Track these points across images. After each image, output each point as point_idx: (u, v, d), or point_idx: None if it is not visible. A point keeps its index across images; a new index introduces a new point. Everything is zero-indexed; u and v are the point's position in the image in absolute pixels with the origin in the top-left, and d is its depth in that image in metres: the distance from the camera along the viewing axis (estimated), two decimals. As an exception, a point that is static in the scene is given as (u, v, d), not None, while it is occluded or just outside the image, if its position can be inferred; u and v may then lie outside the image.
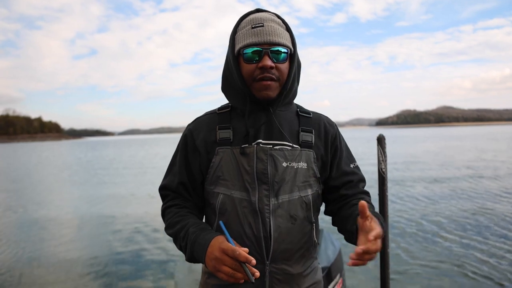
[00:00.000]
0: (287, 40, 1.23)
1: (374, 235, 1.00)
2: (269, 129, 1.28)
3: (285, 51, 1.21)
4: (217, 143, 1.28)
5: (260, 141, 1.25)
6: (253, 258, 1.04)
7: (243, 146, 1.25)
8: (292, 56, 1.26)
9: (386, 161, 2.48)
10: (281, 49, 1.20)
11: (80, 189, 13.76)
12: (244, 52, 1.21)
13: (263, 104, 1.26)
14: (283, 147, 1.26)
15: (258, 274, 1.05)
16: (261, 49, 1.18)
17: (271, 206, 1.23)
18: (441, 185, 11.25)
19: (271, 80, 1.20)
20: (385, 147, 2.44)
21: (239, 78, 1.23)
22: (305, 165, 1.28)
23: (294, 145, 1.28)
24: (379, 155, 2.43)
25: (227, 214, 1.25)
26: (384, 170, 2.45)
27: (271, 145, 1.26)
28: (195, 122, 1.37)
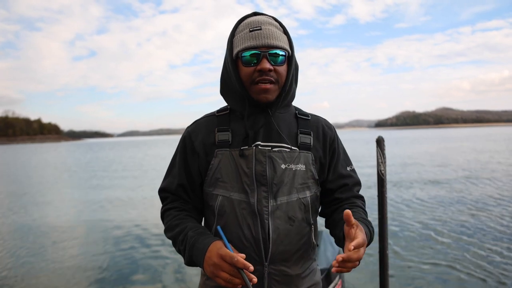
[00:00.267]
0: (284, 43, 1.24)
1: (354, 245, 1.03)
2: (267, 131, 1.28)
3: (283, 53, 1.22)
4: (216, 145, 1.29)
5: (259, 143, 1.26)
6: (251, 265, 1.05)
7: (242, 148, 1.25)
8: (289, 59, 1.27)
9: (385, 163, 2.48)
10: (279, 52, 1.21)
11: (79, 190, 13.76)
12: (243, 55, 1.21)
13: (262, 106, 1.27)
14: (281, 149, 1.27)
15: (255, 280, 1.06)
16: (260, 52, 1.19)
17: (270, 207, 1.23)
18: (437, 186, 11.29)
19: (270, 82, 1.21)
20: (384, 149, 2.44)
21: (237, 81, 1.24)
22: (304, 167, 1.29)
23: (293, 147, 1.29)
24: (378, 157, 2.44)
25: (226, 216, 1.26)
26: (383, 172, 2.46)
27: (269, 147, 1.26)
28: (194, 124, 1.37)
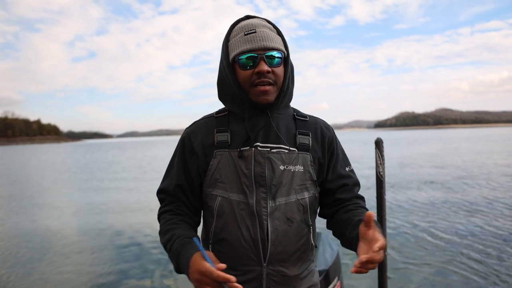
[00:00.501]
0: (280, 44, 1.25)
1: (379, 246, 1.02)
2: (266, 132, 1.29)
3: (279, 55, 1.24)
4: (215, 146, 1.30)
5: (258, 144, 1.27)
6: (232, 277, 1.03)
7: (241, 149, 1.26)
8: (285, 59, 1.28)
9: (384, 164, 2.48)
10: (275, 53, 1.22)
11: (78, 192, 13.77)
12: (240, 59, 1.22)
13: (261, 108, 1.28)
14: (280, 150, 1.28)
15: (234, 279, 1.04)
16: (256, 55, 1.21)
17: (269, 208, 1.24)
18: (434, 187, 11.34)
19: (268, 84, 1.22)
20: (383, 151, 2.44)
21: (236, 85, 1.25)
22: (302, 168, 1.29)
23: (291, 148, 1.29)
24: (377, 159, 2.44)
25: (224, 217, 1.26)
26: (382, 173, 2.46)
27: (268, 148, 1.27)
28: (193, 125, 1.38)
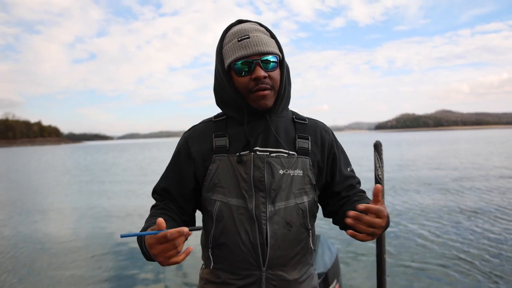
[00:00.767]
0: (274, 47, 1.25)
1: (367, 207, 1.06)
2: (265, 136, 1.29)
3: (275, 59, 1.24)
4: (214, 150, 1.30)
5: (257, 148, 1.27)
6: (183, 228, 0.99)
7: (240, 153, 1.26)
8: (281, 62, 1.28)
9: (382, 167, 2.49)
10: (270, 58, 1.22)
11: (79, 194, 13.76)
12: (235, 66, 1.22)
13: (260, 113, 1.28)
14: (279, 154, 1.28)
15: (186, 229, 1.00)
16: (252, 61, 1.20)
17: (268, 213, 1.24)
18: (431, 189, 11.39)
19: (266, 90, 1.22)
20: (382, 154, 2.45)
21: (233, 91, 1.25)
22: (301, 172, 1.29)
23: (291, 152, 1.29)
24: (376, 161, 2.45)
25: (224, 221, 1.27)
26: (380, 176, 2.47)
27: (267, 153, 1.27)
28: (191, 130, 1.39)
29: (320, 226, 6.46)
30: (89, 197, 12.61)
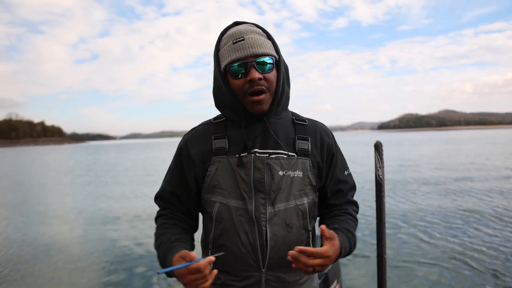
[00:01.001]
0: (270, 48, 1.24)
1: (302, 249, 1.10)
2: (265, 138, 1.29)
3: (270, 60, 1.23)
4: (213, 152, 1.30)
5: (256, 150, 1.27)
6: (209, 258, 1.07)
7: (240, 155, 1.26)
8: (278, 63, 1.27)
9: (383, 167, 2.48)
10: (266, 59, 1.21)
11: (82, 192, 13.79)
12: (230, 68, 1.22)
13: (258, 116, 1.28)
14: (279, 156, 1.28)
15: (213, 258, 1.08)
16: (247, 63, 1.20)
17: (268, 214, 1.24)
18: (431, 188, 11.42)
19: (261, 92, 1.22)
20: (383, 154, 2.44)
21: (230, 94, 1.25)
22: (301, 173, 1.29)
23: (290, 153, 1.29)
24: (376, 162, 2.44)
25: (223, 223, 1.27)
26: (381, 177, 2.46)
27: (267, 154, 1.27)
28: (191, 132, 1.39)
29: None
30: (93, 198, 12.64)
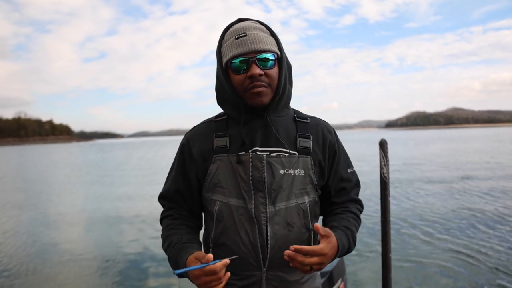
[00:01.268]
0: (272, 45, 1.23)
1: (297, 248, 1.10)
2: (265, 136, 1.28)
3: (272, 57, 1.22)
4: (214, 151, 1.29)
5: (256, 148, 1.26)
6: (223, 261, 1.08)
7: (239, 154, 1.25)
8: (280, 60, 1.26)
9: (388, 165, 2.47)
10: (267, 55, 1.20)
11: (90, 190, 13.90)
12: (232, 64, 1.21)
13: (258, 111, 1.27)
14: (280, 154, 1.26)
15: (228, 261, 1.09)
16: (248, 58, 1.19)
17: (268, 213, 1.23)
18: (435, 186, 11.39)
19: (262, 87, 1.21)
20: (387, 152, 2.43)
21: (231, 90, 1.24)
22: (302, 172, 1.28)
23: (292, 151, 1.28)
24: (381, 160, 2.43)
25: (224, 221, 1.26)
26: (386, 175, 2.45)
27: (268, 152, 1.26)
28: (192, 130, 1.38)
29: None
30: (100, 198, 12.72)
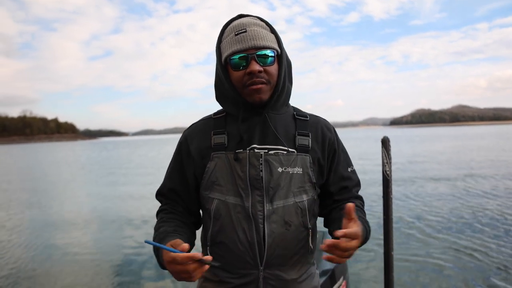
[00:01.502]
0: (272, 42, 1.21)
1: (343, 233, 1.02)
2: (264, 133, 1.27)
3: (272, 54, 1.20)
4: (212, 148, 1.28)
5: (254, 146, 1.24)
6: (196, 253, 1.02)
7: (236, 151, 1.24)
8: (280, 57, 1.24)
9: (390, 163, 2.45)
10: (267, 52, 1.19)
11: (94, 188, 13.95)
12: (231, 60, 1.20)
13: (257, 108, 1.25)
14: (278, 152, 1.25)
15: (199, 255, 1.03)
16: (247, 55, 1.18)
17: (266, 211, 1.22)
18: (437, 184, 11.34)
19: (261, 83, 1.19)
20: (390, 149, 2.40)
21: (230, 86, 1.23)
22: (301, 170, 1.26)
23: (290, 149, 1.26)
24: (384, 158, 2.40)
25: (221, 219, 1.25)
26: (388, 173, 2.42)
27: (266, 150, 1.24)
28: (191, 128, 1.37)
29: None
30: (103, 190, 12.77)
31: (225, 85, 1.25)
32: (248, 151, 1.23)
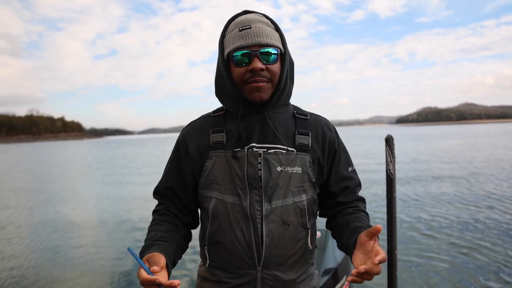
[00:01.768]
0: (276, 40, 1.19)
1: (380, 259, 1.01)
2: (263, 132, 1.25)
3: (275, 52, 1.18)
4: (211, 146, 1.26)
5: (253, 145, 1.23)
6: (157, 278, 1.00)
7: (234, 150, 1.22)
8: (283, 56, 1.22)
9: (394, 162, 2.41)
10: (270, 50, 1.17)
11: (101, 187, 14.01)
12: (234, 56, 1.18)
13: (257, 106, 1.23)
14: (277, 151, 1.23)
15: (177, 282, 1.02)
16: (250, 52, 1.16)
17: (264, 211, 1.20)
18: (440, 183, 11.29)
19: (262, 82, 1.17)
20: (394, 148, 2.37)
21: (230, 82, 1.21)
22: (300, 169, 1.24)
23: (289, 148, 1.24)
24: (387, 156, 2.37)
25: (219, 219, 1.23)
26: (392, 172, 2.39)
27: (265, 149, 1.23)
28: (189, 126, 1.35)
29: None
30: (109, 188, 12.82)
31: (225, 81, 1.23)
32: (246, 149, 1.22)
